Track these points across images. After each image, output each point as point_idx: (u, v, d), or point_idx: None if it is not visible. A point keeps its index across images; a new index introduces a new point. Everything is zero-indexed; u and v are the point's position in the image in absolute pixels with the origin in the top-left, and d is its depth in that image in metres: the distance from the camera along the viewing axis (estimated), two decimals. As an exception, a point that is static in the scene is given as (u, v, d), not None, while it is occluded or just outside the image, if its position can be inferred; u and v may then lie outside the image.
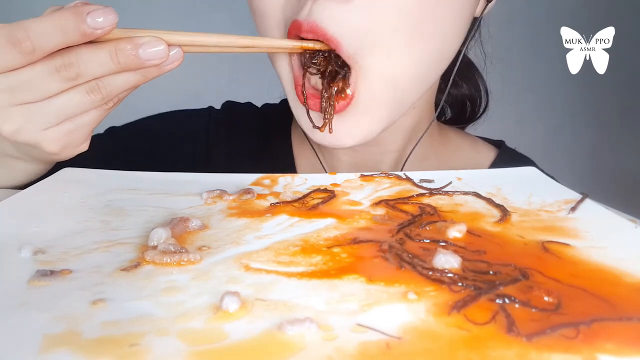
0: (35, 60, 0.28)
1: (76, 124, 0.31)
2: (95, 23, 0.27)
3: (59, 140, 0.31)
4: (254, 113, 0.56)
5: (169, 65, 0.30)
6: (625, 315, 0.19)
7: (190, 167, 0.50)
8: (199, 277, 0.22)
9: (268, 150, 0.52)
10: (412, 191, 0.34)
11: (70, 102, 0.30)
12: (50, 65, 0.28)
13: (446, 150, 0.51)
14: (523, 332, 0.17)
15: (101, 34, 0.28)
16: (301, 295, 0.20)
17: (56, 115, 0.30)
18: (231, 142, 0.52)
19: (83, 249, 0.25)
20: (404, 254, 0.24)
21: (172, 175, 0.37)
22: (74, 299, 0.20)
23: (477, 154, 0.52)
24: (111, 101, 0.31)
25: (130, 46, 0.28)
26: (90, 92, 0.30)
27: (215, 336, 0.18)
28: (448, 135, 0.52)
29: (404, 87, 0.37)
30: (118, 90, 0.30)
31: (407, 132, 0.46)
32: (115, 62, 0.29)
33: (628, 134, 1.27)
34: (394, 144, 0.46)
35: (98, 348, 0.17)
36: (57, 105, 0.30)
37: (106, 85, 0.30)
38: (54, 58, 0.28)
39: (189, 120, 0.54)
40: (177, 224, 0.27)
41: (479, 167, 0.50)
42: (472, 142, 0.54)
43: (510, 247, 0.25)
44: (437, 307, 0.19)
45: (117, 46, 0.28)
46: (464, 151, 0.52)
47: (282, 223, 0.29)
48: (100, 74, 0.29)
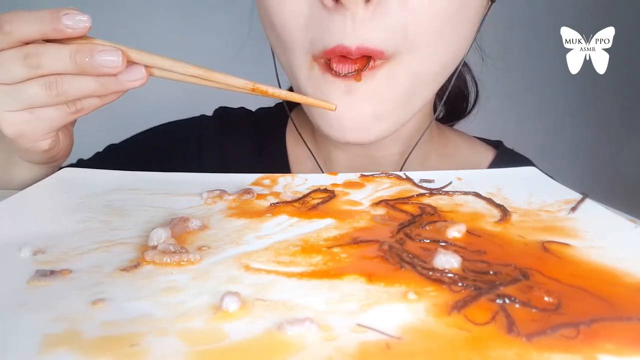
0: (10, 44, 0.32)
1: (34, 116, 0.34)
2: (68, 22, 0.31)
3: (15, 125, 0.34)
4: (247, 118, 0.56)
5: (129, 82, 0.33)
6: (626, 315, 0.19)
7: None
8: (199, 277, 0.22)
9: (263, 155, 0.51)
10: (412, 191, 0.34)
11: (28, 90, 0.32)
12: (20, 51, 0.32)
13: (446, 151, 0.51)
14: (523, 332, 0.17)
15: (71, 33, 0.31)
16: (301, 295, 0.20)
17: (16, 100, 0.33)
18: (225, 148, 0.52)
19: (83, 249, 0.25)
20: (404, 254, 0.23)
21: (172, 175, 0.37)
22: (74, 299, 0.20)
23: (476, 154, 0.52)
24: (73, 105, 0.34)
25: (88, 49, 0.32)
26: (47, 86, 0.32)
27: (215, 336, 0.18)
28: (447, 135, 0.52)
29: (425, 82, 0.38)
30: (75, 92, 0.33)
31: (409, 135, 0.46)
32: (73, 60, 0.32)
33: (628, 134, 1.27)
34: (395, 147, 0.46)
35: (98, 348, 0.17)
36: (18, 90, 0.33)
37: (63, 83, 0.32)
38: (25, 47, 0.32)
39: (181, 130, 0.54)
40: (177, 224, 0.27)
41: (479, 167, 0.50)
42: (471, 142, 0.53)
43: (510, 247, 0.25)
44: (437, 307, 0.19)
45: (78, 47, 0.32)
46: (463, 151, 0.52)
47: (282, 223, 0.29)
48: (59, 70, 0.32)
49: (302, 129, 0.50)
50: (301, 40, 0.36)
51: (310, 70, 0.37)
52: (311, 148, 0.49)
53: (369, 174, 0.38)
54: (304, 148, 0.50)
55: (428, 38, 0.35)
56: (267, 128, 0.53)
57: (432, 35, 0.35)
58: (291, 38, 0.37)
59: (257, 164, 0.51)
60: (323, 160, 0.49)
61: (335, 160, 0.48)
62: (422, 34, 0.35)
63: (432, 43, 0.36)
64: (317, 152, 0.49)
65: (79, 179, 0.36)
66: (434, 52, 0.36)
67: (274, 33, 0.38)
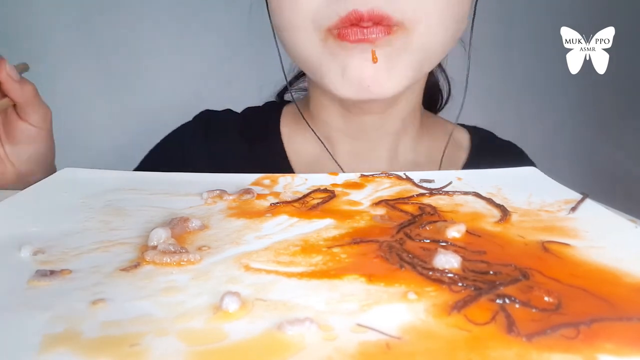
0: None
1: None
2: None
3: None
4: (234, 119, 0.56)
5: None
6: (625, 315, 0.19)
7: None
8: (199, 277, 0.22)
9: (257, 154, 0.52)
10: (412, 191, 0.34)
11: None
12: None
13: (435, 131, 0.54)
14: (523, 332, 0.17)
15: None
16: (301, 295, 0.20)
17: None
18: (217, 154, 0.52)
19: (83, 249, 0.25)
20: (404, 254, 0.24)
21: (172, 175, 0.37)
22: (74, 299, 0.20)
23: (459, 134, 0.55)
24: None
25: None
26: None
27: (215, 336, 0.18)
28: (430, 119, 0.56)
29: (432, 55, 0.42)
30: None
31: (405, 115, 0.48)
32: None
33: (628, 134, 1.27)
34: (392, 126, 0.48)
35: (98, 348, 0.17)
36: None
37: None
38: None
39: (170, 149, 0.55)
40: (177, 224, 0.27)
41: (461, 144, 0.54)
42: (447, 123, 0.57)
43: (510, 247, 0.25)
44: (437, 307, 0.19)
45: None
46: (447, 134, 0.55)
47: (282, 223, 0.29)
48: None
49: (300, 121, 0.51)
50: (312, 16, 0.39)
51: (325, 42, 0.39)
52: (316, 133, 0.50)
53: (368, 174, 0.38)
54: (301, 141, 0.51)
55: (435, 13, 0.38)
56: (259, 126, 0.54)
57: (439, 10, 0.39)
58: (303, 16, 0.39)
59: (252, 162, 0.51)
60: (327, 145, 0.50)
61: (337, 145, 0.50)
62: (429, 8, 0.38)
63: (438, 18, 0.39)
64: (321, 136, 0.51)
65: (79, 179, 0.36)
66: (440, 27, 0.39)
67: (283, 15, 0.40)
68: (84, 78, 1.00)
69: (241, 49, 0.95)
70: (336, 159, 0.50)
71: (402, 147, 0.50)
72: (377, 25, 0.37)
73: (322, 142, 0.50)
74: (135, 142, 0.58)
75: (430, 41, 0.40)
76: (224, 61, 1.14)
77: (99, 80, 1.00)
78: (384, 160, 0.50)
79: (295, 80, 0.57)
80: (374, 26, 0.37)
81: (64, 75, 1.00)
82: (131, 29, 0.99)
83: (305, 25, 0.39)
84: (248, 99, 0.58)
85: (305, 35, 0.40)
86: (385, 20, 0.37)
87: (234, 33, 0.93)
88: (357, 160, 0.50)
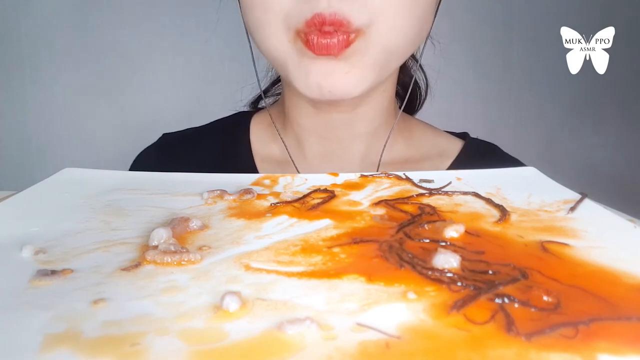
0: None
1: None
2: None
3: None
4: (197, 137, 0.56)
5: None
6: (625, 315, 0.19)
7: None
8: (200, 276, 0.22)
9: (225, 161, 0.52)
10: (412, 191, 0.34)
11: None
12: None
13: (412, 135, 0.53)
14: (522, 331, 0.18)
15: None
16: (301, 295, 0.20)
17: None
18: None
19: (84, 249, 0.25)
20: (404, 254, 0.24)
21: (172, 175, 0.37)
22: (75, 298, 0.20)
23: (443, 142, 0.54)
24: None
25: None
26: None
27: (215, 336, 0.18)
28: (411, 122, 0.55)
29: (394, 54, 0.42)
30: None
31: (376, 114, 0.48)
32: None
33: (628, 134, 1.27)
34: (363, 126, 0.48)
35: (99, 347, 0.17)
36: None
37: None
38: None
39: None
40: (177, 224, 0.27)
41: (447, 154, 0.52)
42: (436, 132, 0.56)
43: (509, 247, 0.25)
44: (436, 307, 0.19)
45: None
46: (429, 138, 0.54)
47: (282, 223, 0.29)
48: None
49: (272, 124, 0.52)
50: (283, 17, 0.39)
51: (294, 43, 0.40)
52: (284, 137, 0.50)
53: (368, 174, 0.38)
54: (270, 144, 0.52)
55: (395, 14, 0.39)
56: (228, 136, 0.54)
57: (399, 11, 0.39)
58: (274, 16, 0.40)
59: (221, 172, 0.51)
60: (297, 149, 0.50)
61: (307, 147, 0.50)
62: (389, 10, 0.39)
63: (399, 19, 0.40)
64: (288, 140, 0.51)
65: (80, 179, 0.36)
66: (401, 28, 0.40)
67: (254, 14, 0.41)
68: (83, 78, 1.00)
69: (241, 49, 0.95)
70: (306, 160, 0.50)
71: (375, 149, 0.49)
72: (336, 33, 0.38)
73: (285, 145, 0.50)
74: (135, 142, 0.58)
75: (391, 42, 0.40)
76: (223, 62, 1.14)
77: (99, 81, 1.00)
78: (355, 162, 0.49)
79: (272, 87, 0.58)
80: (334, 33, 0.38)
81: (63, 76, 1.00)
82: (131, 30, 0.99)
83: (276, 25, 0.40)
84: (247, 99, 0.58)
85: (275, 35, 0.41)
86: (344, 26, 0.38)
87: (234, 33, 0.93)
88: (328, 161, 0.50)
